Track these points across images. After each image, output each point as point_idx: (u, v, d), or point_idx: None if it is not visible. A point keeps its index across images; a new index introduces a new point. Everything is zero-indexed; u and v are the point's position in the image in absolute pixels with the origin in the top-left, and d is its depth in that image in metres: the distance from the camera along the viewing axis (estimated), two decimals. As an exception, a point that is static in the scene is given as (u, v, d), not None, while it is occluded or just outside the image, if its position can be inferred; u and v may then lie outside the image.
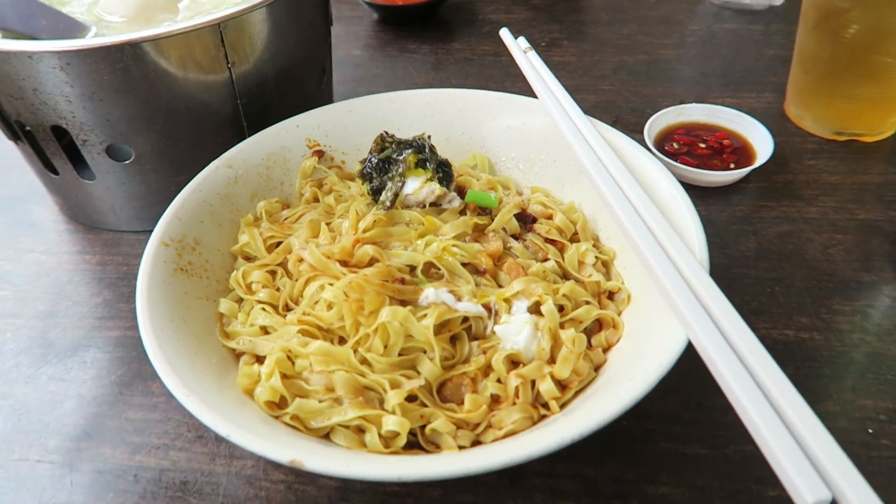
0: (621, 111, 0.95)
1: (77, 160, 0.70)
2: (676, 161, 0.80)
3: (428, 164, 0.62)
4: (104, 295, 0.69)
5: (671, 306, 0.47)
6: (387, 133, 0.64)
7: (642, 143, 0.85)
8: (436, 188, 0.61)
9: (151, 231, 0.74)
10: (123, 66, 0.62)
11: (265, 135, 0.67)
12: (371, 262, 0.57)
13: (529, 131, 0.71)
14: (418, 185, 0.61)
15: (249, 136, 0.72)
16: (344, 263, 0.56)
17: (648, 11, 1.20)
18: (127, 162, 0.70)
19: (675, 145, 0.84)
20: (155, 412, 0.58)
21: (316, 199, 0.67)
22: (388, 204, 0.60)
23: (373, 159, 0.63)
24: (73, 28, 0.69)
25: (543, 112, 0.70)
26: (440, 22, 1.19)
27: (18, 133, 0.70)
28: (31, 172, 0.82)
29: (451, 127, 0.73)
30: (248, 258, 0.62)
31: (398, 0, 1.15)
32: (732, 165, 0.81)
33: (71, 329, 0.65)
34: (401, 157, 0.62)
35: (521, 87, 1.01)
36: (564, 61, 1.08)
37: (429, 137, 0.64)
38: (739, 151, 0.84)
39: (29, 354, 0.63)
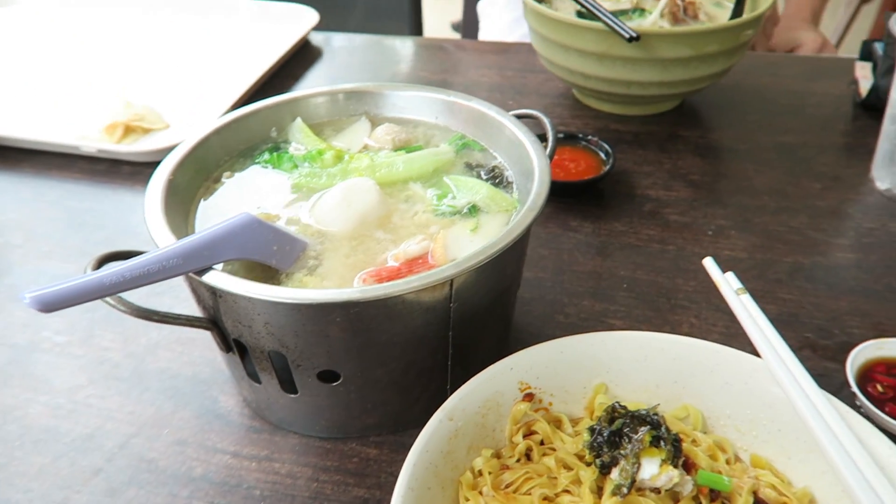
0: (806, 329, 0.90)
1: (280, 373, 0.71)
2: (884, 411, 0.74)
3: (663, 443, 0.59)
4: (298, 519, 0.68)
5: None
6: (619, 404, 0.61)
7: (841, 376, 0.80)
8: (674, 475, 0.58)
9: (338, 438, 0.73)
10: (357, 311, 0.62)
11: (481, 380, 0.66)
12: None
13: (751, 392, 0.67)
14: (656, 471, 0.58)
15: (452, 356, 0.71)
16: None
17: (816, 201, 1.15)
18: (334, 384, 0.69)
19: (879, 387, 0.79)
20: None
21: (528, 451, 0.65)
22: (625, 492, 0.57)
23: (604, 432, 0.60)
24: (296, 247, 0.70)
25: (768, 373, 0.66)
26: (598, 195, 1.17)
27: (233, 348, 0.70)
28: (215, 351, 0.84)
29: (663, 374, 0.70)
30: (469, 526, 0.60)
31: (559, 176, 1.15)
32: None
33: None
34: (636, 436, 0.59)
35: (696, 286, 0.98)
36: (735, 257, 1.04)
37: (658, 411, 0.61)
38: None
39: None
